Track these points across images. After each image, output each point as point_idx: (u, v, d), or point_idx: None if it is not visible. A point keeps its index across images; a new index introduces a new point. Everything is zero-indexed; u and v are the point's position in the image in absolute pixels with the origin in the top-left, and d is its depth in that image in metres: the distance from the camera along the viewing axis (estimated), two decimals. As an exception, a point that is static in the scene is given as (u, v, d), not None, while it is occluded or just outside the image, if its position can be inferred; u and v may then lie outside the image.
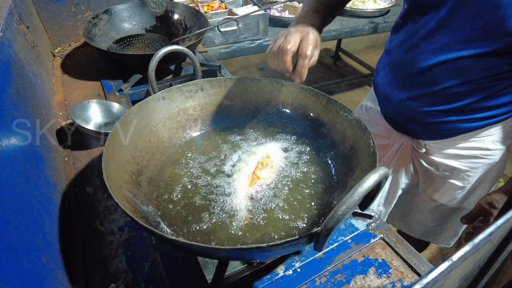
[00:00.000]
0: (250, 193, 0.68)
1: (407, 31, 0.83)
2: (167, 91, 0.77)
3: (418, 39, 0.79)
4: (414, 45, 0.81)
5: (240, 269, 0.64)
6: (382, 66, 0.94)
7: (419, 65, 0.80)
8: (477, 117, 0.82)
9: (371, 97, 1.09)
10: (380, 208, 1.13)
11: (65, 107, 1.08)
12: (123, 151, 0.66)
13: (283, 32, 0.75)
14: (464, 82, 0.76)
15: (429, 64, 0.78)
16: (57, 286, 0.54)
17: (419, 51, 0.79)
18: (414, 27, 0.81)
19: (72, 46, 1.45)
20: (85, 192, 0.79)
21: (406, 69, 0.83)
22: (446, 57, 0.75)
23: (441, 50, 0.75)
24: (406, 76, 0.84)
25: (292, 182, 0.70)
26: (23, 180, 0.56)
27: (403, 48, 0.84)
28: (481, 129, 0.85)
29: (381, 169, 0.43)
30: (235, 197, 0.67)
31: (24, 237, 0.48)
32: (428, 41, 0.77)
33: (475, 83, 0.76)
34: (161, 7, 1.41)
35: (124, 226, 0.71)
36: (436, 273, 0.28)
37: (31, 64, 0.93)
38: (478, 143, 0.88)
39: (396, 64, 0.87)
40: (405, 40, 0.83)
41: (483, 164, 0.91)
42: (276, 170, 0.73)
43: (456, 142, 0.90)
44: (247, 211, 0.64)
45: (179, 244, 0.47)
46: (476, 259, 0.41)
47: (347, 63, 3.72)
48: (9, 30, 0.82)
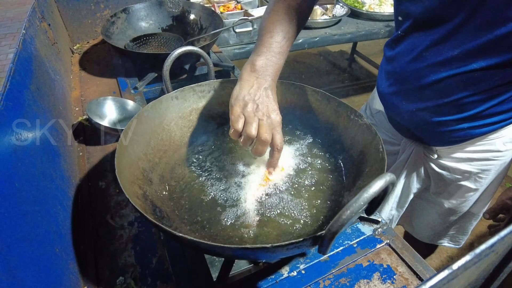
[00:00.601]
0: (260, 194, 0.69)
1: (411, 42, 0.80)
2: (181, 90, 0.79)
3: (424, 50, 0.77)
4: (419, 56, 0.78)
5: (247, 269, 0.65)
6: (385, 75, 0.92)
7: (428, 78, 0.78)
8: (488, 122, 0.81)
9: (375, 100, 1.07)
10: (392, 212, 1.12)
11: (82, 103, 1.11)
12: (135, 148, 0.68)
13: (242, 96, 0.67)
14: (475, 93, 0.75)
15: (439, 77, 0.76)
16: (68, 276, 0.56)
17: (426, 63, 0.77)
18: (419, 38, 0.78)
19: (91, 43, 1.48)
20: (98, 186, 0.81)
21: (413, 82, 0.81)
22: (456, 70, 0.73)
23: (450, 62, 0.73)
24: (414, 88, 0.82)
25: (301, 185, 0.71)
26: (40, 173, 0.58)
27: (407, 58, 0.81)
28: (492, 132, 0.85)
29: (387, 176, 0.44)
30: (244, 198, 0.68)
31: (39, 228, 0.50)
32: (435, 52, 0.75)
33: (487, 92, 0.74)
34: (177, 7, 1.43)
35: (134, 221, 0.73)
36: (435, 280, 0.28)
37: (51, 61, 0.96)
38: (489, 146, 0.87)
39: (402, 76, 0.84)
40: (409, 51, 0.80)
41: (495, 165, 0.91)
42: (286, 172, 0.74)
43: (467, 146, 0.89)
44: (256, 211, 0.65)
45: (186, 241, 0.48)
46: (480, 269, 0.41)
47: (362, 66, 3.69)
48: (32, 27, 0.85)
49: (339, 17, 2.02)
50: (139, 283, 0.62)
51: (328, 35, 1.90)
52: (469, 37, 0.70)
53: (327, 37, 1.90)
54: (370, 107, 1.12)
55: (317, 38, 1.87)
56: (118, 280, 0.63)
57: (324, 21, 1.95)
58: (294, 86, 0.83)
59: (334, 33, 1.92)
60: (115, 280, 0.63)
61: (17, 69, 0.64)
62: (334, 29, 1.97)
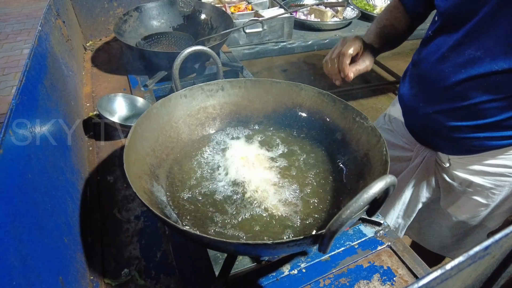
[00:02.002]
0: (266, 192, 0.70)
1: (437, 43, 0.81)
2: (189, 89, 0.81)
3: (447, 51, 0.77)
4: (442, 57, 0.78)
5: (249, 268, 0.66)
6: (408, 78, 0.92)
7: (448, 79, 0.77)
8: (506, 135, 0.79)
9: (395, 107, 1.07)
10: (399, 221, 1.10)
11: (93, 98, 1.13)
12: (144, 144, 0.69)
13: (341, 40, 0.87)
14: (495, 99, 0.73)
15: (459, 78, 0.75)
16: (76, 266, 0.58)
17: (448, 64, 0.77)
18: (444, 39, 0.78)
19: (103, 40, 1.51)
20: (106, 180, 0.84)
21: (434, 83, 0.81)
22: (477, 71, 0.72)
23: (472, 63, 0.73)
24: (433, 89, 0.82)
25: (304, 184, 0.72)
26: (51, 165, 0.60)
27: (431, 60, 0.82)
28: (508, 147, 0.82)
29: (387, 177, 0.45)
30: (248, 195, 0.69)
31: (49, 218, 0.52)
32: (457, 53, 0.75)
33: (507, 100, 0.73)
34: (189, 7, 1.45)
35: (140, 216, 0.75)
36: (428, 279, 0.29)
37: (65, 57, 0.99)
38: (505, 161, 0.85)
39: (423, 77, 0.85)
40: (434, 52, 0.81)
41: (510, 182, 0.88)
42: (289, 172, 0.75)
43: (481, 159, 0.87)
44: (257, 209, 0.66)
45: (190, 235, 0.50)
46: (477, 272, 0.41)
47: (372, 69, 3.66)
48: (47, 24, 0.87)
49: (350, 19, 2.02)
50: (143, 275, 0.64)
51: (338, 38, 1.90)
52: (491, 38, 0.69)
53: (337, 39, 1.90)
54: (389, 113, 1.12)
55: (326, 40, 1.87)
56: (123, 272, 0.64)
57: (334, 23, 1.95)
58: (300, 87, 0.84)
59: (344, 36, 1.92)
60: (120, 272, 0.64)
61: (33, 64, 0.66)
62: (344, 32, 1.97)
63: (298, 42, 1.82)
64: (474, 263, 0.33)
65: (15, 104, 0.52)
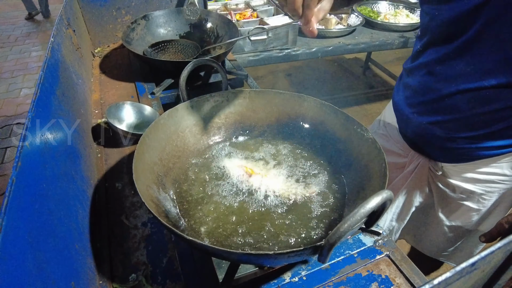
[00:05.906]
0: (264, 200, 0.72)
1: (427, 56, 0.84)
2: (196, 100, 0.84)
3: (437, 64, 0.80)
4: (433, 70, 0.81)
5: (252, 272, 0.68)
6: (402, 86, 0.95)
7: (440, 92, 0.80)
8: (498, 145, 0.82)
9: (389, 113, 1.10)
10: (393, 224, 1.14)
11: (101, 105, 1.16)
12: (152, 153, 0.72)
13: None
14: (486, 112, 0.76)
15: (450, 91, 0.78)
16: (86, 271, 0.61)
17: (439, 78, 0.80)
18: (435, 53, 0.81)
19: (111, 47, 1.55)
20: (114, 187, 0.86)
21: (426, 94, 0.84)
22: (467, 86, 0.75)
23: (462, 78, 0.76)
24: (426, 101, 0.85)
25: (305, 197, 0.74)
26: (63, 174, 0.63)
27: (422, 72, 0.85)
28: (500, 156, 0.85)
29: (384, 193, 0.47)
30: (251, 203, 0.71)
31: (62, 225, 0.55)
32: (447, 67, 0.78)
33: (497, 113, 0.75)
34: (195, 15, 1.48)
35: (147, 222, 0.78)
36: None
37: (75, 65, 1.02)
38: (496, 169, 0.88)
39: (416, 88, 0.88)
40: (425, 65, 0.84)
41: (499, 188, 0.91)
42: (290, 183, 0.77)
43: (474, 167, 0.90)
44: (261, 217, 0.69)
45: (195, 244, 0.52)
46: (468, 285, 0.43)
47: (376, 73, 3.69)
48: (59, 35, 0.90)
49: (354, 26, 2.04)
50: (150, 280, 0.67)
51: (342, 45, 1.93)
52: (480, 53, 0.71)
53: (341, 47, 1.93)
54: (384, 118, 1.14)
55: (330, 47, 1.90)
56: (130, 277, 0.67)
57: (339, 31, 1.97)
58: (303, 98, 0.87)
59: (348, 43, 1.95)
60: (127, 277, 0.67)
61: (46, 76, 0.69)
62: (348, 39, 1.99)
63: (302, 49, 1.84)
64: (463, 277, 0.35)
65: (31, 117, 0.55)
